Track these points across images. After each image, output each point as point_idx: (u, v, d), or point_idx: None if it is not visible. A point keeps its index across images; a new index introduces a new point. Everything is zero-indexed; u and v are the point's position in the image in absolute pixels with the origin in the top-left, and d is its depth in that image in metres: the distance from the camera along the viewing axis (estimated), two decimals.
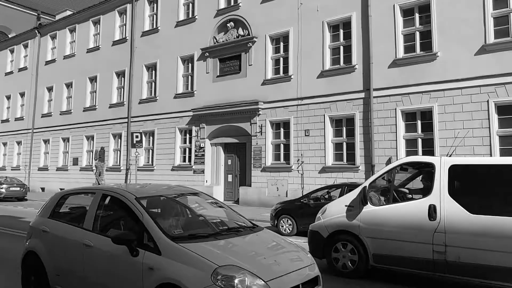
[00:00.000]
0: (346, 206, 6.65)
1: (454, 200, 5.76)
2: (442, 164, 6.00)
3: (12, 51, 31.39)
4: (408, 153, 13.70)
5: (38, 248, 5.29)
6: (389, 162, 13.75)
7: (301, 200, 11.07)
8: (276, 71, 17.21)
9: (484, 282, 5.70)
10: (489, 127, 12.17)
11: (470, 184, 6.10)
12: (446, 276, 5.82)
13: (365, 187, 6.49)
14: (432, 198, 5.91)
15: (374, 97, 14.27)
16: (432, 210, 5.81)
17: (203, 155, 18.98)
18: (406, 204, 6.33)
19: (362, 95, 14.64)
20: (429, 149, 13.24)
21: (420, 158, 8.25)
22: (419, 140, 13.56)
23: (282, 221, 11.01)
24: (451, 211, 5.72)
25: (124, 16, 23.69)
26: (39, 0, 45.39)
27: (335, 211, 6.82)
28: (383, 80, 14.19)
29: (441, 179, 5.92)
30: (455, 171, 5.92)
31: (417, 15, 13.92)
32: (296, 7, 16.59)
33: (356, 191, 6.60)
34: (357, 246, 6.46)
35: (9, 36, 39.26)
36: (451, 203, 5.76)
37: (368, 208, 6.41)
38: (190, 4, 20.65)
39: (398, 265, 6.16)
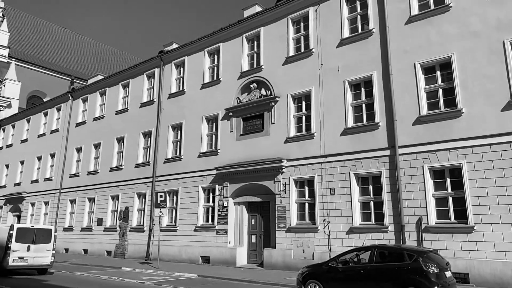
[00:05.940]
0: None
1: None
2: None
3: (46, 114, 32.96)
4: (439, 212, 13.14)
5: None
6: (419, 222, 13.19)
7: (329, 264, 10.56)
8: (299, 129, 17.31)
9: None
10: None
11: None
12: None
13: None
14: None
15: (400, 154, 14.01)
16: None
17: (226, 214, 18.74)
18: None
19: (387, 152, 14.41)
20: (461, 208, 12.67)
21: None
22: (450, 199, 13.03)
23: (309, 287, 10.49)
24: None
25: (152, 79, 24.80)
26: (73, 66, 48.43)
27: None
28: (408, 137, 14.00)
29: None
30: None
31: (438, 73, 13.96)
32: (317, 67, 16.99)
33: None
34: None
35: (44, 100, 41.61)
36: None
37: None
38: (215, 67, 21.50)
39: None
